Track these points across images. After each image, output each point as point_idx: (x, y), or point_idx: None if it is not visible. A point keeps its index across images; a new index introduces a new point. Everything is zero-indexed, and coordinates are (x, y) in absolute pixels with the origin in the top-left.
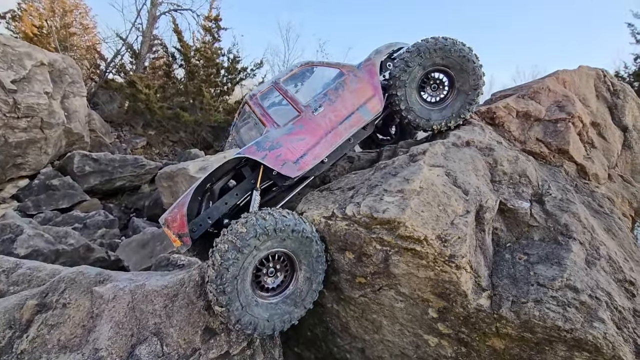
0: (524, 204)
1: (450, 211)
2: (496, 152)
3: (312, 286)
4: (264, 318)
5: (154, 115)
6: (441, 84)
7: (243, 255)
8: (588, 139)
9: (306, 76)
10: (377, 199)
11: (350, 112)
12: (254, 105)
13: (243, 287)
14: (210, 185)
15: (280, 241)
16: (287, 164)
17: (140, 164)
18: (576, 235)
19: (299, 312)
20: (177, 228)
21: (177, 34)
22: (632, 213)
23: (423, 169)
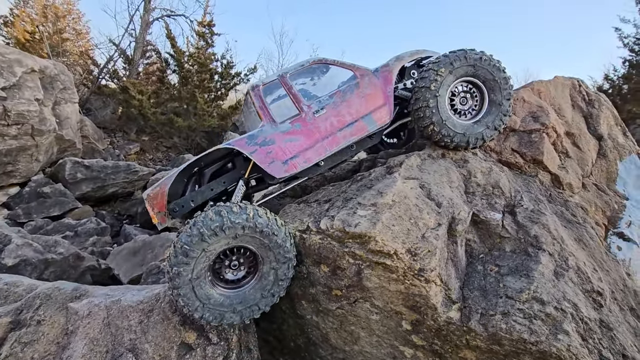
0: (496, 215)
1: (422, 224)
2: (470, 164)
3: (278, 275)
4: (230, 309)
5: (148, 121)
6: (472, 95)
7: (192, 259)
8: (562, 148)
9: (316, 74)
10: (350, 212)
11: (354, 119)
12: (255, 96)
13: (200, 285)
14: (201, 169)
15: (232, 238)
16: (275, 163)
17: (133, 170)
18: (546, 247)
19: (268, 300)
20: (157, 206)
21: (170, 40)
22: (605, 221)
23: (397, 182)
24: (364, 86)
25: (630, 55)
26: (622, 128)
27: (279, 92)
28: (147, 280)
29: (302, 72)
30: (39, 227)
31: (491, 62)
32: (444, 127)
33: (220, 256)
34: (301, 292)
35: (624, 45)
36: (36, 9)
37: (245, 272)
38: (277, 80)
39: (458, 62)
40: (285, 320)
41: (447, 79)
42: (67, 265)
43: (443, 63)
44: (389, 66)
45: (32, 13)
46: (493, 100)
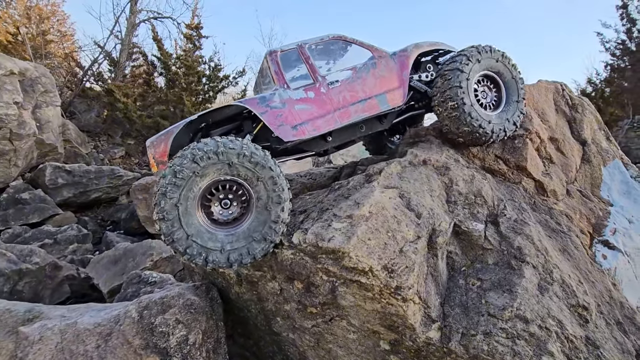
0: (479, 225)
1: (400, 237)
2: (452, 172)
3: (271, 217)
4: (217, 249)
5: (133, 125)
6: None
7: (181, 181)
8: (546, 154)
9: (335, 49)
10: (325, 225)
11: (367, 96)
12: (271, 61)
13: (188, 215)
14: (207, 129)
15: (225, 167)
16: (285, 126)
17: (117, 175)
18: (529, 259)
19: (260, 245)
20: (159, 154)
21: (157, 42)
22: (590, 229)
23: (375, 192)
24: (380, 67)
25: (612, 59)
26: (605, 132)
27: (296, 60)
28: (127, 290)
29: (321, 44)
30: (17, 234)
31: (510, 60)
32: (474, 119)
33: (212, 191)
34: (275, 308)
35: (605, 49)
36: (19, 10)
37: (237, 214)
38: (296, 49)
39: (484, 55)
40: (262, 337)
41: (473, 71)
42: (44, 276)
43: (468, 57)
44: (407, 51)
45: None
46: (510, 96)
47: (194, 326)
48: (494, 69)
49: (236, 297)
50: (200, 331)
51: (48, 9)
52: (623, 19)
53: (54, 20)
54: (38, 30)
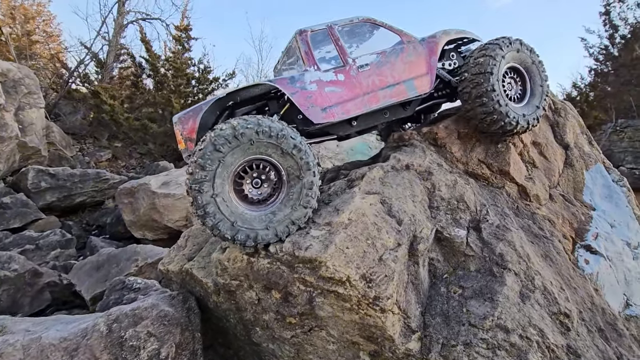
0: (461, 232)
1: (380, 245)
2: (435, 176)
3: (304, 184)
4: (262, 227)
5: (120, 127)
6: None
7: (210, 172)
8: (529, 158)
9: (365, 31)
10: (303, 232)
11: (396, 81)
12: (301, 41)
13: (226, 203)
14: (233, 107)
15: (248, 147)
16: (315, 108)
17: (103, 178)
18: (511, 266)
19: (300, 212)
20: (187, 131)
21: (145, 44)
22: (573, 234)
23: (355, 198)
24: (409, 52)
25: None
26: (587, 137)
27: (326, 41)
28: (109, 297)
29: (350, 26)
30: None
31: (528, 47)
32: (502, 107)
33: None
34: (254, 318)
35: (589, 54)
36: (3, 10)
37: (270, 190)
38: (326, 30)
39: (514, 47)
40: (242, 347)
41: (501, 63)
42: (23, 283)
43: (503, 45)
44: (436, 37)
45: None
46: (534, 83)
47: (167, 339)
48: (522, 62)
49: (215, 306)
50: (174, 344)
51: (34, 9)
52: (606, 25)
53: (40, 20)
54: (23, 31)
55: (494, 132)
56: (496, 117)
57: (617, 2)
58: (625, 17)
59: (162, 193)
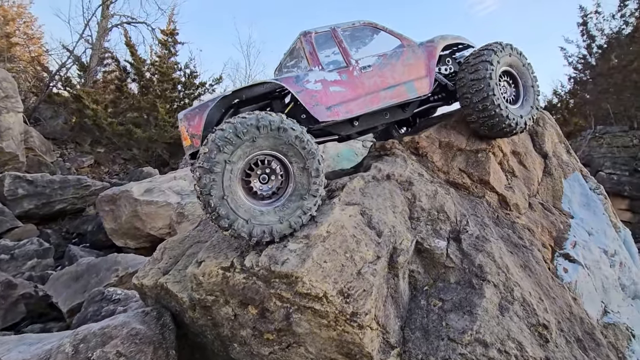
0: (441, 243)
1: (358, 258)
2: (415, 187)
3: (312, 173)
4: (276, 221)
5: (103, 132)
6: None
7: (218, 175)
8: (509, 167)
9: (365, 35)
10: (281, 246)
11: (397, 83)
12: (306, 42)
13: (237, 202)
14: (238, 106)
15: (251, 144)
16: (320, 107)
17: (84, 185)
18: (490, 277)
19: (310, 201)
20: (193, 128)
21: (130, 48)
22: (552, 243)
23: (334, 210)
24: (409, 55)
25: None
26: (565, 145)
27: (328, 43)
28: (87, 308)
29: (352, 29)
30: None
31: (518, 50)
32: (503, 110)
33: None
34: (231, 334)
35: (568, 63)
36: None
37: (279, 184)
38: (329, 31)
39: (507, 51)
40: None
41: (499, 65)
42: None
43: (497, 50)
44: (434, 42)
45: None
46: (527, 93)
47: (138, 358)
48: (514, 66)
49: (191, 322)
50: None
51: (14, 10)
52: (583, 35)
53: (20, 22)
54: (2, 33)
55: (494, 135)
56: (497, 120)
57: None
58: (602, 28)
59: (145, 200)
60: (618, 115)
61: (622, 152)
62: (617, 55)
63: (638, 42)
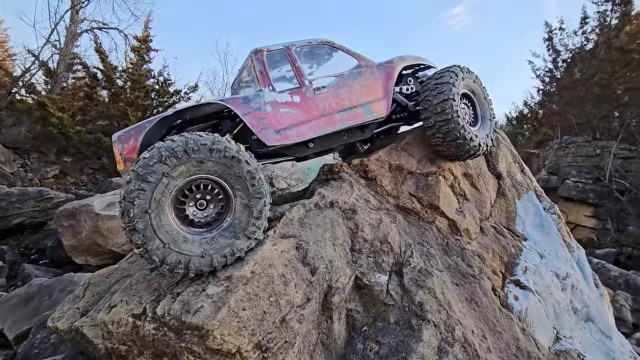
0: (382, 278)
1: (285, 302)
2: (358, 215)
3: (253, 213)
4: (197, 254)
5: (70, 141)
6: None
7: (150, 185)
8: (460, 190)
9: (322, 54)
10: (199, 290)
11: (353, 105)
12: (257, 60)
13: (161, 221)
14: (182, 127)
15: (197, 165)
16: (268, 130)
17: (46, 197)
18: (430, 316)
19: (243, 243)
20: (127, 150)
21: (100, 54)
22: (503, 269)
23: (264, 245)
24: (366, 76)
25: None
26: (519, 165)
27: (282, 61)
28: (36, 335)
29: (308, 48)
30: None
31: (474, 73)
32: (466, 132)
33: (186, 193)
34: None
35: (536, 76)
36: None
37: (215, 215)
38: (283, 50)
39: (464, 75)
40: None
41: (459, 89)
42: None
43: (457, 72)
44: (392, 63)
45: None
46: (485, 115)
47: None
48: (471, 89)
49: None
50: None
51: None
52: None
53: None
54: None
55: (458, 156)
56: (461, 141)
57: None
58: (566, 44)
59: (107, 215)
60: (582, 126)
61: (586, 161)
62: (580, 69)
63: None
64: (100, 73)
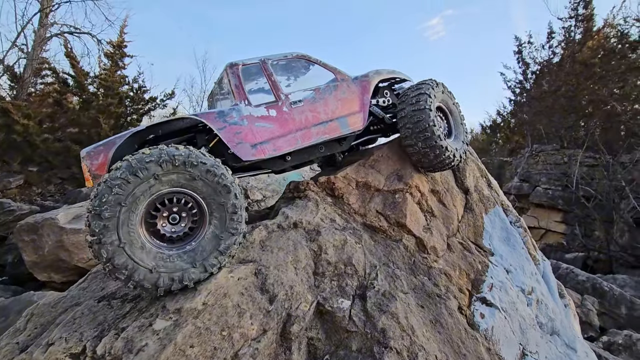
0: (345, 303)
1: (238, 336)
2: (322, 237)
3: (220, 247)
4: (147, 267)
5: (36, 149)
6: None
7: (136, 179)
8: (428, 207)
9: (297, 68)
10: (146, 324)
11: (329, 118)
12: (232, 74)
13: (128, 219)
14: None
15: (189, 179)
16: (244, 145)
17: (7, 209)
18: (393, 343)
19: (197, 273)
20: (96, 167)
21: (70, 59)
22: (469, 286)
23: (220, 273)
24: (342, 90)
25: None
26: (487, 180)
27: (258, 75)
28: None
29: (284, 62)
30: None
31: (448, 88)
32: (443, 142)
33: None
34: None
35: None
36: None
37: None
38: (259, 64)
39: (438, 89)
40: None
41: (434, 102)
42: None
43: (432, 86)
44: (368, 77)
45: None
46: (458, 129)
47: None
48: (446, 103)
49: None
50: None
51: None
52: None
53: None
54: None
55: (435, 167)
56: (438, 151)
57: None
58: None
59: (73, 229)
60: (550, 135)
61: (555, 168)
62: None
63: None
64: (70, 79)
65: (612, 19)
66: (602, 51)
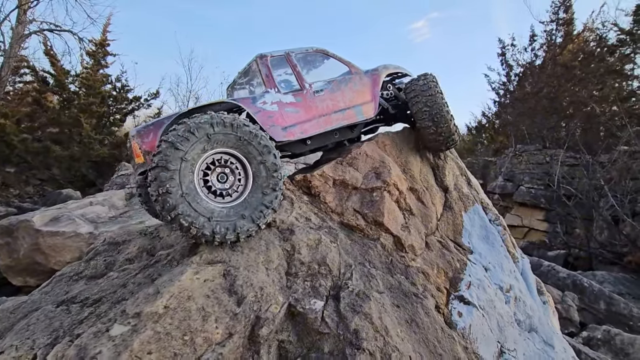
0: (317, 304)
1: (201, 341)
2: (296, 236)
3: (268, 168)
4: (238, 217)
5: (14, 149)
6: None
7: (193, 137)
8: (406, 205)
9: (318, 60)
10: (102, 329)
11: (347, 106)
12: (262, 65)
13: (195, 200)
14: None
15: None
16: (276, 127)
17: None
18: (366, 344)
19: (271, 196)
20: (147, 144)
21: (50, 57)
22: (448, 285)
23: (184, 275)
24: (356, 82)
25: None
26: (466, 178)
27: (283, 67)
28: None
29: (305, 55)
30: None
31: None
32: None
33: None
34: None
35: (492, 89)
36: None
37: (238, 181)
38: (284, 56)
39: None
40: None
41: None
42: None
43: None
44: (378, 71)
45: None
46: None
47: None
48: None
49: None
50: None
51: None
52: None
53: None
54: None
55: (447, 146)
56: (447, 134)
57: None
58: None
59: (49, 231)
60: (533, 136)
61: (537, 168)
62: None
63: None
64: (50, 77)
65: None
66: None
